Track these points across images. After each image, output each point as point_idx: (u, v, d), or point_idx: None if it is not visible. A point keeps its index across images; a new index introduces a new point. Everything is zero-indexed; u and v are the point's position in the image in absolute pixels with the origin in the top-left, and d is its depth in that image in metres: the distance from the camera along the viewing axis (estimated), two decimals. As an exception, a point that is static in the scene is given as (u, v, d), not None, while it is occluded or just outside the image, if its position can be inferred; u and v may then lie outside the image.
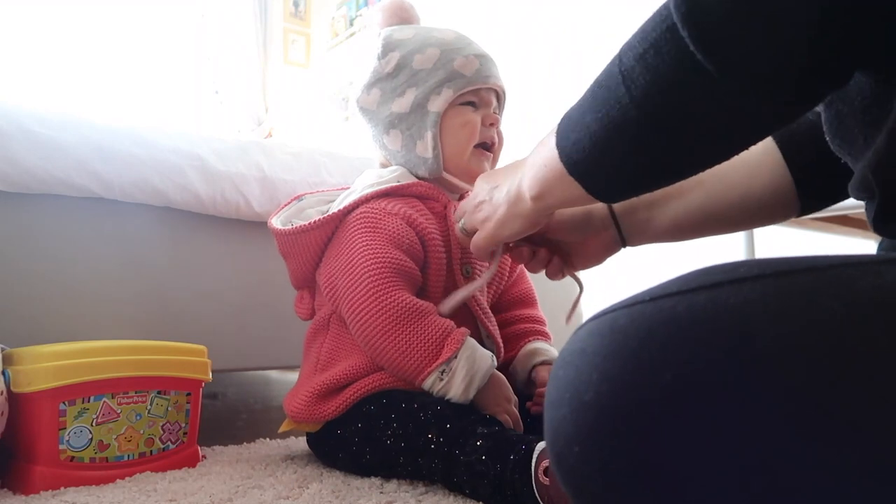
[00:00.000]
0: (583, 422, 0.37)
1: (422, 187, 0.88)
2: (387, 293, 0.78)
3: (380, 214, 0.84)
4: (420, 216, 0.86)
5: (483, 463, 0.68)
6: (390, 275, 0.80)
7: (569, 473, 0.39)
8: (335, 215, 0.86)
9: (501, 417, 0.77)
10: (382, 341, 0.78)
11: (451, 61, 0.86)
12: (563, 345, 0.42)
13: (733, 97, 0.42)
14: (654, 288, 0.38)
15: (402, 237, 0.82)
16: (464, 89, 0.86)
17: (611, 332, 0.38)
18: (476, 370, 0.77)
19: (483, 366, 0.78)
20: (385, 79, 0.88)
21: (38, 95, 2.92)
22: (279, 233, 0.88)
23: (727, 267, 0.37)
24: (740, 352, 0.33)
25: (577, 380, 0.38)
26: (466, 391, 0.76)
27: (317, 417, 0.83)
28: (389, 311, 0.78)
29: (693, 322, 0.35)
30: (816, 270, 0.35)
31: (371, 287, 0.79)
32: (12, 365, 0.77)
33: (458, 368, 0.76)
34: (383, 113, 0.88)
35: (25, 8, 2.99)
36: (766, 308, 0.34)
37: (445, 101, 0.86)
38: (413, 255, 0.83)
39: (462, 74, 0.86)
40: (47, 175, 0.94)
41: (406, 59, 0.87)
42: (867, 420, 0.31)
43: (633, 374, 0.36)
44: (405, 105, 0.87)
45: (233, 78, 3.57)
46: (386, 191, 0.87)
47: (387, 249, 0.81)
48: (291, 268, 0.92)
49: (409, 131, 0.88)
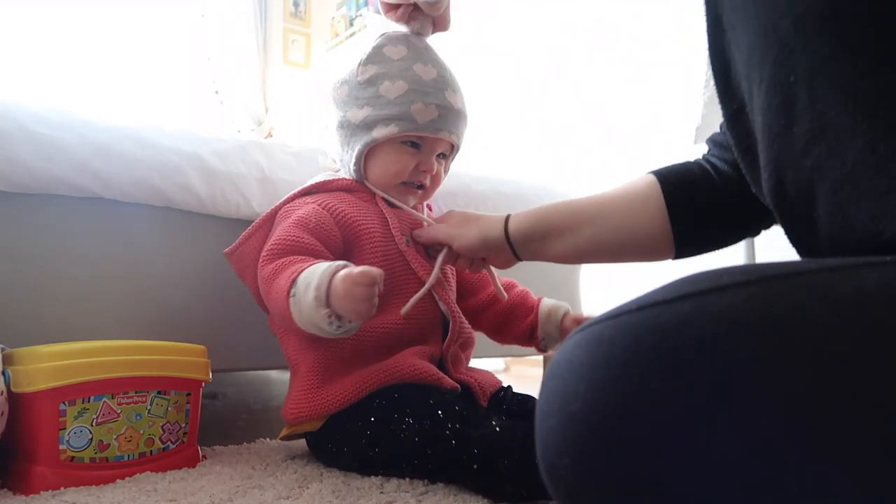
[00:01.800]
0: (572, 433, 0.37)
1: (346, 181, 0.94)
2: (268, 262, 0.82)
3: (297, 206, 0.90)
4: (342, 205, 0.90)
5: (496, 434, 0.70)
6: (280, 250, 0.83)
7: (559, 484, 0.39)
8: (268, 214, 0.93)
9: (354, 309, 0.72)
10: (266, 300, 0.83)
11: (410, 103, 0.87)
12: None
13: None
14: (639, 297, 0.39)
15: (308, 219, 0.86)
16: (408, 132, 0.88)
17: (598, 342, 0.38)
18: (313, 278, 0.74)
19: (319, 270, 0.75)
20: (355, 86, 0.91)
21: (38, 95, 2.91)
22: (229, 253, 0.93)
23: (711, 274, 0.38)
24: (725, 359, 0.34)
25: (564, 391, 0.38)
26: (311, 302, 0.73)
27: (315, 411, 0.83)
28: (267, 273, 0.82)
29: (678, 330, 0.35)
30: (798, 275, 0.35)
31: (261, 262, 0.84)
32: (12, 365, 0.77)
33: (299, 283, 0.76)
34: (342, 112, 0.92)
35: (25, 7, 2.98)
36: (750, 314, 0.34)
37: (388, 134, 0.88)
38: (320, 234, 0.86)
39: (413, 120, 0.88)
40: (47, 175, 0.94)
41: (376, 79, 0.89)
42: (853, 421, 0.31)
43: (620, 384, 0.36)
44: (357, 117, 0.90)
45: (233, 78, 3.57)
46: (311, 187, 0.93)
47: (286, 231, 0.85)
48: (251, 286, 0.94)
49: (348, 139, 0.92)
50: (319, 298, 0.73)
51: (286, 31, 3.76)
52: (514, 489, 0.67)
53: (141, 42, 3.33)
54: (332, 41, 3.50)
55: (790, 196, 0.47)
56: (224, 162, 1.07)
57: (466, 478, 0.72)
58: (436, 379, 0.83)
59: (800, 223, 0.47)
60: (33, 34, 3.00)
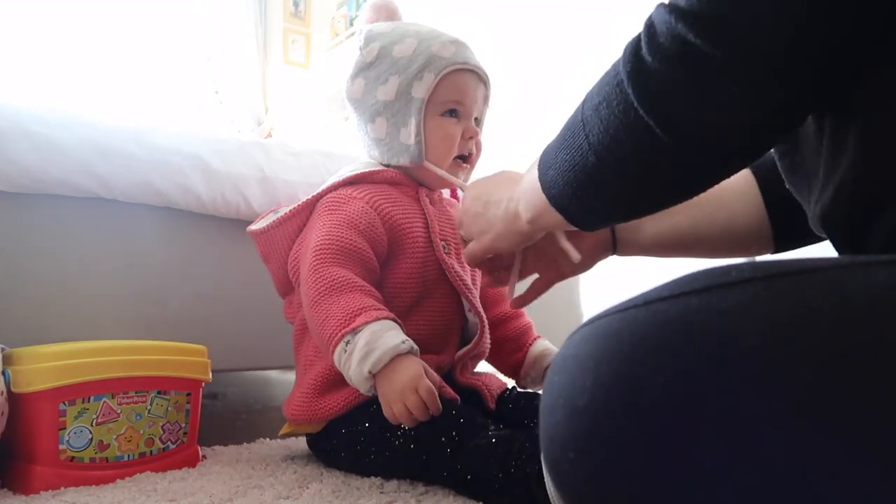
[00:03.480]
0: (577, 427, 0.37)
1: (391, 173, 0.90)
2: (323, 267, 0.80)
3: (344, 199, 0.87)
4: (388, 203, 0.87)
5: (492, 446, 0.69)
6: (333, 251, 0.81)
7: (564, 479, 0.39)
8: (307, 202, 0.90)
9: (396, 407, 0.73)
10: (310, 311, 0.79)
11: (428, 47, 0.88)
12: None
13: (676, 151, 0.45)
14: (647, 292, 0.39)
15: (359, 219, 0.84)
16: (443, 70, 0.87)
17: (604, 336, 0.38)
18: (376, 346, 0.73)
19: (386, 343, 0.73)
20: (367, 68, 0.90)
21: (38, 95, 2.91)
22: (257, 232, 0.91)
23: (718, 270, 0.37)
24: (732, 354, 0.34)
25: (570, 385, 0.38)
26: (361, 365, 0.72)
27: (317, 416, 0.83)
28: (320, 283, 0.79)
29: (685, 326, 0.35)
30: (806, 272, 0.35)
31: (312, 262, 0.81)
32: (12, 365, 0.77)
33: (359, 340, 0.73)
34: (369, 101, 0.89)
35: (25, 8, 2.98)
36: (758, 311, 0.34)
37: (427, 86, 0.86)
38: (371, 238, 0.84)
39: (441, 57, 0.87)
40: (47, 175, 0.94)
41: (386, 49, 0.89)
42: (859, 419, 0.31)
43: (626, 378, 0.36)
44: (390, 92, 0.87)
45: (233, 78, 3.57)
46: (355, 178, 0.89)
47: (339, 229, 0.83)
48: (273, 270, 0.94)
49: (393, 118, 0.88)
50: (373, 371, 0.73)
51: (286, 31, 3.75)
52: (509, 502, 0.67)
53: (141, 42, 3.33)
54: (332, 41, 3.50)
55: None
56: (224, 162, 1.07)
57: (461, 487, 0.72)
58: (437, 387, 0.83)
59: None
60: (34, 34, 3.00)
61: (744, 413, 0.33)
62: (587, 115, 0.49)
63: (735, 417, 0.33)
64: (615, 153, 0.47)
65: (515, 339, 0.99)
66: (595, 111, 0.48)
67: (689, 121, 0.43)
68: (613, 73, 0.47)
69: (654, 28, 0.43)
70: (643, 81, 0.44)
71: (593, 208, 0.54)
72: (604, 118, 0.47)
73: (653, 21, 0.44)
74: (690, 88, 0.42)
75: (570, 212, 0.56)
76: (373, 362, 0.72)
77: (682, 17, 0.41)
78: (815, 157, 0.47)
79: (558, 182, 0.54)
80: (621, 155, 0.47)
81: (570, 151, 0.51)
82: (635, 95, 0.44)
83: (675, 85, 0.42)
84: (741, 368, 0.33)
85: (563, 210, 0.56)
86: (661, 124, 0.43)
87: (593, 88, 0.50)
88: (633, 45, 0.45)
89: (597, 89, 0.49)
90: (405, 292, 0.87)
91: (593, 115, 0.48)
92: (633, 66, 0.44)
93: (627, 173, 0.48)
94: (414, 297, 0.87)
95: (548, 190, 0.57)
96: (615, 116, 0.46)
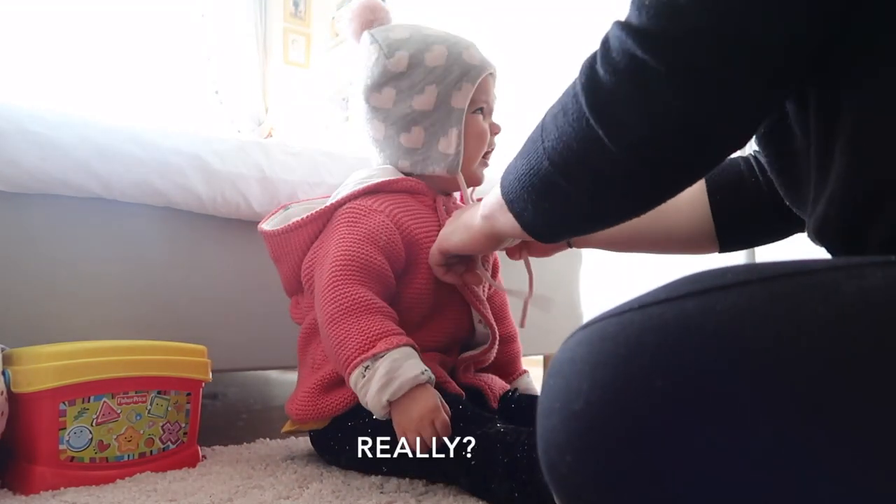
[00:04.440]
0: (574, 431, 0.37)
1: (410, 182, 0.90)
2: (343, 285, 0.79)
3: (364, 211, 0.86)
4: (407, 215, 0.87)
5: (500, 433, 0.70)
6: (354, 269, 0.80)
7: (561, 483, 0.39)
8: (325, 210, 0.88)
9: (410, 437, 0.72)
10: (327, 329, 0.78)
11: (459, 55, 0.88)
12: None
13: (624, 161, 0.46)
14: (642, 296, 0.39)
15: (380, 234, 0.83)
16: (479, 79, 0.88)
17: (600, 340, 0.38)
18: (397, 376, 0.73)
19: (407, 374, 0.73)
20: (398, 77, 0.88)
21: (38, 95, 2.91)
22: (270, 234, 0.90)
23: (715, 273, 0.37)
24: (729, 358, 0.34)
25: (566, 389, 0.38)
26: (380, 394, 0.72)
27: (321, 413, 0.83)
28: (338, 302, 0.78)
29: (682, 329, 0.35)
30: (802, 274, 0.35)
31: (331, 278, 0.80)
32: (12, 365, 0.77)
33: (379, 367, 0.73)
34: (402, 111, 0.88)
35: (25, 8, 2.98)
36: (754, 313, 0.34)
37: (466, 96, 0.87)
38: (390, 254, 0.84)
39: (473, 65, 0.88)
40: (47, 175, 0.94)
41: (417, 58, 0.87)
42: (857, 421, 0.31)
43: (623, 383, 0.36)
44: (428, 102, 0.87)
45: (233, 78, 3.57)
46: (375, 187, 0.88)
47: (360, 245, 0.82)
48: (283, 272, 0.93)
49: (432, 128, 0.88)
50: (381, 395, 0.72)
51: (286, 31, 3.76)
52: (510, 490, 0.66)
53: (141, 42, 3.34)
54: (332, 41, 3.50)
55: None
56: (224, 162, 1.07)
57: (464, 474, 0.72)
58: (443, 382, 0.83)
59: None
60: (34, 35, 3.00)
61: (742, 416, 0.33)
62: (546, 122, 0.52)
63: (733, 420, 0.33)
64: (566, 160, 0.50)
65: (505, 364, 0.98)
66: (553, 119, 0.51)
67: (635, 132, 0.45)
68: (572, 84, 0.49)
69: (609, 43, 0.45)
70: (594, 93, 0.46)
71: (545, 214, 0.56)
72: (559, 126, 0.49)
73: (608, 37, 0.46)
74: (636, 101, 0.44)
75: (525, 217, 0.58)
76: (392, 391, 0.72)
77: (631, 33, 0.43)
78: (806, 170, 0.47)
79: (515, 186, 0.57)
80: (572, 161, 0.49)
81: (528, 157, 0.54)
82: (587, 105, 0.46)
83: (623, 97, 0.44)
84: (738, 371, 0.33)
85: (517, 214, 0.59)
86: (610, 134, 0.45)
87: (556, 100, 0.52)
88: (590, 60, 0.47)
89: (558, 100, 0.51)
90: (420, 305, 0.87)
91: (551, 122, 0.51)
92: (588, 78, 0.46)
93: (577, 181, 0.50)
94: (429, 308, 0.88)
95: (506, 194, 0.59)
96: (569, 125, 0.48)
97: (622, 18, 0.45)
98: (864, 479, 0.31)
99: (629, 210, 0.53)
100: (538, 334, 1.21)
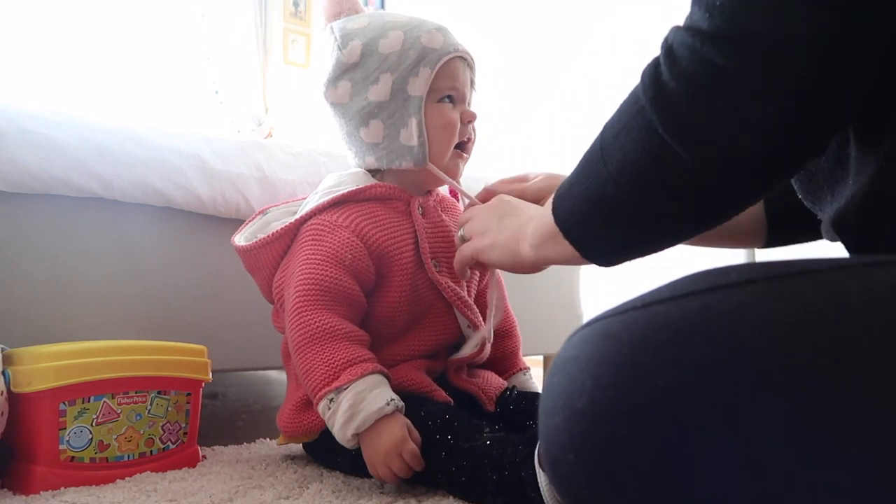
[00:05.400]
0: (576, 429, 0.37)
1: (380, 188, 0.86)
2: (306, 311, 0.77)
3: (329, 227, 0.82)
4: (374, 228, 0.83)
5: (486, 447, 0.69)
6: (318, 293, 0.78)
7: (564, 481, 0.39)
8: (290, 226, 0.85)
9: (380, 470, 0.72)
10: (294, 357, 0.77)
11: (417, 39, 0.82)
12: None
13: (703, 175, 0.44)
14: (645, 294, 0.39)
15: (345, 253, 0.80)
16: (439, 63, 0.82)
17: (604, 338, 0.38)
18: (360, 409, 0.71)
19: (370, 407, 0.71)
20: (352, 69, 0.84)
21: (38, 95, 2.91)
22: (241, 250, 0.88)
23: (718, 272, 0.37)
24: (733, 356, 0.34)
25: (569, 387, 0.38)
26: (344, 428, 0.71)
27: (309, 428, 0.82)
28: (302, 330, 0.76)
29: (686, 327, 0.35)
30: (806, 273, 0.35)
31: (295, 303, 0.78)
32: (12, 365, 0.77)
33: (342, 401, 0.72)
34: (358, 104, 0.84)
35: (25, 8, 2.98)
36: (758, 312, 0.34)
37: (425, 81, 0.82)
38: (357, 272, 0.81)
39: (432, 48, 0.83)
40: (47, 175, 0.94)
41: (370, 46, 0.83)
42: (861, 420, 0.31)
43: (626, 380, 0.36)
44: (383, 92, 0.82)
45: (233, 78, 3.56)
46: (341, 198, 0.84)
47: (324, 267, 0.79)
48: (259, 284, 0.92)
49: (390, 120, 0.83)
50: (346, 429, 0.72)
51: (286, 31, 3.75)
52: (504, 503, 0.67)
53: (141, 42, 3.33)
54: (332, 41, 3.49)
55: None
56: (224, 162, 1.07)
57: (457, 490, 0.72)
58: (429, 391, 0.81)
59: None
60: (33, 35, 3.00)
61: (745, 414, 0.33)
62: (606, 143, 0.48)
63: (736, 419, 0.33)
64: (637, 180, 0.46)
65: (501, 361, 0.97)
66: (615, 139, 0.47)
67: (718, 145, 0.42)
68: (633, 99, 0.46)
69: (674, 52, 0.42)
70: (667, 106, 0.43)
71: (611, 241, 0.53)
72: (624, 145, 0.46)
73: (671, 44, 0.43)
74: (720, 111, 0.41)
75: (585, 245, 0.55)
76: (356, 426, 0.71)
77: (707, 40, 0.40)
78: (832, 163, 0.46)
79: (573, 213, 0.53)
80: (643, 181, 0.46)
81: (588, 181, 0.50)
82: (659, 120, 0.43)
83: (704, 108, 0.41)
84: (742, 370, 0.33)
85: (575, 241, 0.55)
86: (689, 150, 0.42)
87: (612, 117, 0.49)
88: (653, 71, 0.44)
89: (616, 117, 0.48)
90: (398, 316, 0.84)
91: (613, 143, 0.47)
92: (656, 92, 0.43)
93: (648, 201, 0.47)
94: (408, 319, 0.85)
95: (562, 222, 0.55)
96: (636, 143, 0.45)
97: (681, 22, 0.42)
98: (868, 479, 0.31)
99: (706, 226, 0.50)
100: (538, 334, 1.21)
